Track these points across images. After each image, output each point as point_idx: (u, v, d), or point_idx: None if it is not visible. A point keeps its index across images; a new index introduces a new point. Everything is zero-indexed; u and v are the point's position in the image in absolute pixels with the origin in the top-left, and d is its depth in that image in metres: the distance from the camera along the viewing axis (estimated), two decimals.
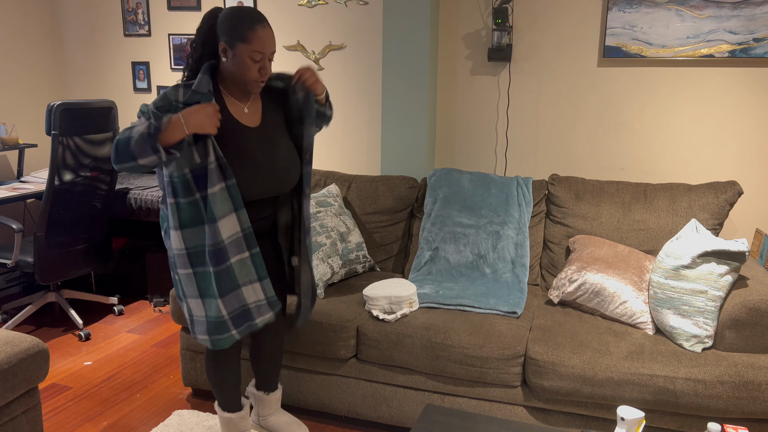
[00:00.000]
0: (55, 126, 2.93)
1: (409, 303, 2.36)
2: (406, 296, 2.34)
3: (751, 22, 2.70)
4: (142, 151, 1.68)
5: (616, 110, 3.01)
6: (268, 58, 1.82)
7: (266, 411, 2.30)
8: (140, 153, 1.68)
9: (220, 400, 2.14)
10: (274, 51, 1.83)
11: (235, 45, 1.77)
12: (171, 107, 1.76)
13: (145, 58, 3.92)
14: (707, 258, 2.14)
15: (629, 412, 1.56)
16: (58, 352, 3.06)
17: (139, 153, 1.68)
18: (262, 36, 1.78)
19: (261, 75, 1.81)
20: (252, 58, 1.78)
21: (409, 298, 2.35)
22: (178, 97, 1.77)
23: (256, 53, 1.78)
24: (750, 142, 2.85)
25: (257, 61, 1.79)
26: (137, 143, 1.67)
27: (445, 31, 3.21)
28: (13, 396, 1.89)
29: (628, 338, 2.18)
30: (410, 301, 2.36)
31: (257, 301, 1.90)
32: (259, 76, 1.81)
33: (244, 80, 1.82)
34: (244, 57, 1.77)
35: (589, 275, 2.34)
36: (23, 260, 3.05)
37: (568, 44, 3.02)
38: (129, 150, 1.69)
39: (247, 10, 1.80)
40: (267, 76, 1.83)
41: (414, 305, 2.39)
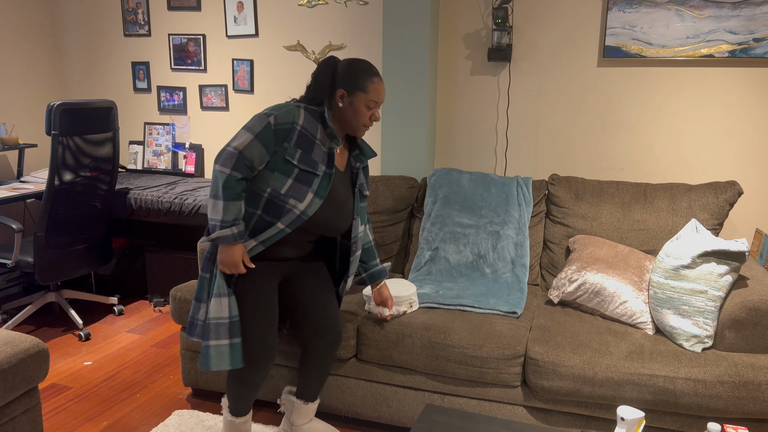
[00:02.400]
0: (55, 126, 2.93)
1: (409, 303, 2.36)
2: (405, 296, 2.34)
3: (751, 22, 2.70)
4: (210, 209, 1.91)
5: (616, 110, 3.01)
6: (378, 107, 2.02)
7: (301, 420, 2.26)
8: (209, 207, 1.92)
9: (232, 404, 2.11)
10: (381, 102, 2.03)
11: (354, 93, 1.95)
12: (292, 128, 1.91)
13: (145, 58, 3.92)
14: (707, 258, 2.14)
15: (629, 412, 1.56)
16: (58, 352, 3.06)
17: (209, 204, 1.92)
18: (379, 88, 1.98)
19: (370, 121, 2.00)
20: (367, 106, 1.96)
21: (408, 298, 2.35)
22: (298, 120, 1.92)
23: (372, 102, 1.96)
24: (750, 142, 2.85)
25: (370, 109, 1.98)
26: (212, 206, 1.90)
27: (445, 31, 3.21)
28: (13, 396, 1.89)
29: (628, 338, 2.18)
30: (410, 301, 2.36)
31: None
32: (369, 122, 2.00)
33: (354, 125, 1.99)
34: (361, 105, 1.95)
35: (589, 275, 2.34)
36: (23, 260, 3.05)
37: (568, 44, 3.02)
38: (212, 193, 1.90)
39: (365, 64, 1.99)
40: (374, 122, 2.14)
41: (414, 305, 2.39)
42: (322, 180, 1.95)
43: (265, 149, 1.87)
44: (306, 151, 1.91)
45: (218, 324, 1.93)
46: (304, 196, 1.92)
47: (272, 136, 1.88)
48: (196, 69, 3.81)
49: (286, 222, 1.92)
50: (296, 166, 1.91)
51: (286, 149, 1.90)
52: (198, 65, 3.79)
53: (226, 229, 1.87)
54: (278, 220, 1.93)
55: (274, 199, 1.92)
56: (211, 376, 2.55)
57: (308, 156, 1.92)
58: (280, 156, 1.90)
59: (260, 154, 1.87)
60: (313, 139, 1.93)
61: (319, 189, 1.94)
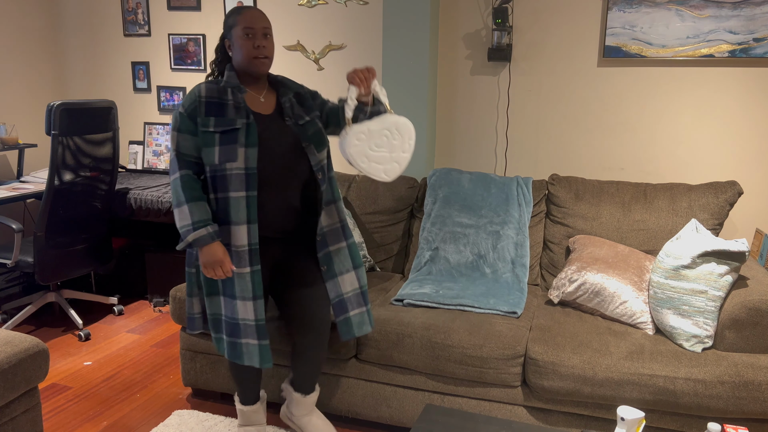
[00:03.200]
0: (55, 126, 2.93)
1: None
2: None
3: (751, 22, 2.70)
4: (177, 217, 1.95)
5: (616, 110, 3.01)
6: (262, 33, 1.93)
7: (300, 411, 2.25)
8: (176, 215, 1.96)
9: (238, 390, 2.23)
10: (267, 27, 1.94)
11: (231, 34, 1.96)
12: (198, 103, 1.92)
13: (145, 58, 3.92)
14: (707, 258, 2.13)
15: (629, 412, 1.56)
16: (58, 352, 3.06)
17: (176, 213, 1.96)
18: (248, 14, 1.93)
19: (258, 50, 1.92)
20: (246, 35, 1.91)
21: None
22: (201, 93, 1.93)
23: (247, 29, 1.91)
24: (750, 141, 2.85)
25: (250, 37, 1.92)
26: (179, 213, 1.94)
27: (445, 31, 3.21)
28: (13, 396, 1.89)
29: (628, 338, 2.18)
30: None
31: (245, 319, 1.98)
32: (255, 51, 1.92)
33: (246, 62, 1.94)
34: (239, 39, 1.92)
35: (589, 275, 2.34)
36: (23, 260, 3.05)
37: (568, 44, 3.02)
38: (175, 201, 1.95)
39: (235, 7, 1.99)
40: (265, 51, 1.94)
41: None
42: (247, 130, 1.92)
43: (191, 137, 1.92)
44: (219, 115, 1.91)
45: (246, 325, 1.99)
46: (236, 153, 1.90)
47: (188, 122, 1.92)
48: (196, 69, 3.81)
49: (237, 187, 1.91)
50: (215, 132, 1.91)
51: (201, 123, 1.92)
52: (198, 65, 3.79)
53: (201, 229, 1.90)
54: (229, 191, 1.91)
55: (215, 173, 1.92)
56: (211, 376, 2.55)
57: (223, 118, 1.91)
58: (201, 133, 1.92)
59: (191, 143, 1.93)
60: (222, 101, 1.93)
61: (248, 139, 1.91)
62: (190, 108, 1.92)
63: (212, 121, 1.91)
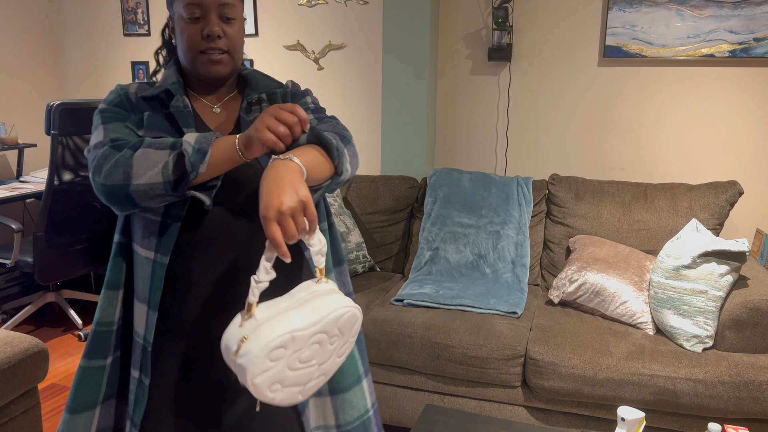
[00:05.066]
0: (55, 126, 2.93)
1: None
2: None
3: (752, 21, 2.69)
4: (149, 171, 1.06)
5: (616, 110, 3.01)
6: (217, 13, 1.16)
7: None
8: (143, 173, 1.06)
9: None
10: (224, 3, 1.16)
11: (173, 10, 1.20)
12: (124, 98, 1.21)
13: (145, 57, 3.92)
14: (708, 258, 2.13)
15: (629, 412, 1.56)
16: (58, 352, 3.05)
17: (140, 173, 1.06)
18: None
19: (206, 40, 1.16)
20: (189, 15, 1.15)
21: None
22: (128, 89, 1.22)
23: (192, 7, 1.15)
24: (750, 141, 2.84)
25: (197, 19, 1.15)
26: (144, 160, 1.06)
27: (445, 31, 3.20)
28: (13, 396, 1.88)
29: (629, 338, 2.18)
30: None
31: None
32: (202, 41, 1.16)
33: (190, 60, 1.19)
34: (181, 20, 1.17)
35: (590, 275, 2.34)
36: (23, 260, 3.05)
37: (568, 44, 3.02)
38: (127, 168, 1.06)
39: None
40: (222, 43, 1.17)
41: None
42: None
43: (124, 125, 1.20)
44: (151, 126, 1.18)
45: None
46: None
47: (114, 113, 1.20)
48: None
49: (145, 241, 1.17)
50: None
51: (130, 120, 1.23)
52: None
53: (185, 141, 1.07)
54: (134, 240, 1.21)
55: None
56: None
57: (154, 131, 1.18)
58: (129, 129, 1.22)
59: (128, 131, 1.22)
60: (154, 110, 1.21)
61: None
62: (114, 101, 1.20)
63: (141, 124, 1.18)
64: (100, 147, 1.11)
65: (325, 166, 1.09)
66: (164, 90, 1.21)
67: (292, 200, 0.93)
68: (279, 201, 0.92)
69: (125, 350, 1.26)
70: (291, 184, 0.95)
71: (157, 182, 1.06)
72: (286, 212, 0.92)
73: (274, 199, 0.93)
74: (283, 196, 0.93)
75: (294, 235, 0.93)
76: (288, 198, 0.93)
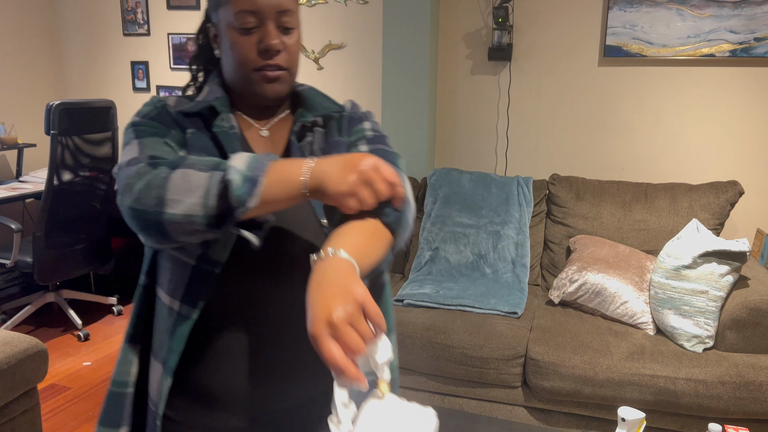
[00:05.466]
0: (54, 125, 2.92)
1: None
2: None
3: (752, 21, 2.69)
4: (187, 198, 0.83)
5: (616, 110, 3.01)
6: (274, 23, 0.96)
7: None
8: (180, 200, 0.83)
9: None
10: (284, 10, 0.96)
11: (218, 16, 1.00)
12: (162, 111, 1.01)
13: (145, 57, 3.91)
14: (708, 258, 2.13)
15: (630, 412, 1.56)
16: (57, 352, 3.05)
17: (177, 199, 0.83)
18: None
19: (262, 56, 0.96)
20: (241, 26, 0.95)
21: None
22: (166, 102, 1.03)
23: (245, 15, 0.95)
24: (751, 141, 2.84)
25: (250, 30, 0.96)
26: (183, 183, 0.84)
27: (445, 31, 3.20)
28: (12, 396, 1.88)
29: (629, 338, 2.17)
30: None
31: None
32: (258, 57, 0.96)
33: (241, 79, 0.99)
34: (231, 30, 0.97)
35: (590, 275, 2.34)
36: (22, 260, 3.04)
37: (568, 43, 3.01)
38: (161, 191, 0.84)
39: None
40: (281, 59, 0.97)
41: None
42: None
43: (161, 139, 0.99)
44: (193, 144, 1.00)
45: None
46: None
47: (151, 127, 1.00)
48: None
49: (171, 286, 0.97)
50: None
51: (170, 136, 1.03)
52: None
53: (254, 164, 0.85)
54: (158, 283, 1.02)
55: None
56: None
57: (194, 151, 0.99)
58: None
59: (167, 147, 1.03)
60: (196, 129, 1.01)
61: None
62: (150, 114, 0.99)
63: (183, 143, 0.99)
64: (133, 164, 0.89)
65: (382, 244, 0.87)
66: (208, 106, 1.00)
67: (346, 304, 0.70)
68: (327, 310, 0.70)
69: (142, 419, 1.05)
70: (340, 284, 0.73)
71: (195, 214, 0.82)
72: (340, 322, 0.69)
73: (321, 309, 0.70)
74: (332, 303, 0.70)
75: (359, 347, 0.70)
76: (340, 303, 0.70)
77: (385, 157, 0.98)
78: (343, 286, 0.73)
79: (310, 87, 1.10)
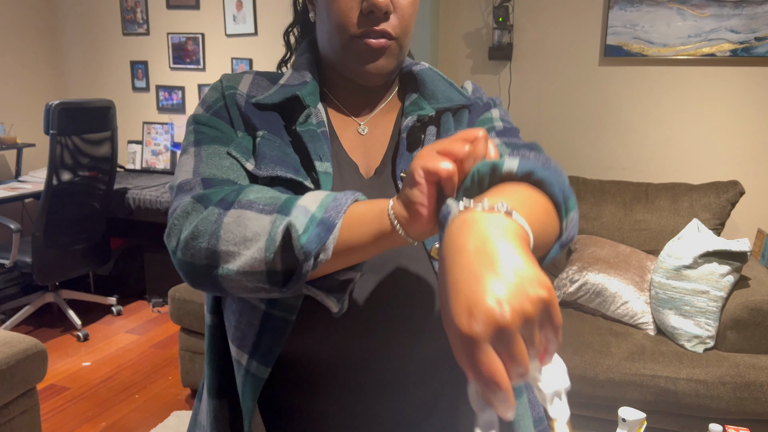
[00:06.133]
0: (54, 125, 2.92)
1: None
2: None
3: (753, 21, 2.69)
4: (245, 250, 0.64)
5: (617, 109, 3.00)
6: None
7: None
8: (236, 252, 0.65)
9: None
10: None
11: None
12: (228, 102, 0.80)
13: (144, 57, 3.91)
14: (709, 258, 2.12)
15: (630, 413, 1.55)
16: (57, 352, 3.04)
17: (232, 251, 0.65)
18: None
19: (366, 18, 0.75)
20: None
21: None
22: (237, 87, 0.81)
23: None
24: (752, 141, 2.84)
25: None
26: (239, 229, 0.65)
27: (445, 30, 3.19)
28: (12, 397, 1.88)
29: (630, 339, 2.17)
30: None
31: None
32: (360, 19, 0.75)
33: (338, 43, 0.77)
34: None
35: (591, 275, 2.33)
36: (21, 260, 3.04)
37: (569, 43, 3.01)
38: (213, 240, 0.66)
39: None
40: (382, 22, 0.75)
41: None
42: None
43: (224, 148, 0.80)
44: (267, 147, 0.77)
45: None
46: None
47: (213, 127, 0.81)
48: (195, 68, 3.79)
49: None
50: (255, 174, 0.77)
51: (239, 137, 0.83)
52: (197, 64, 3.78)
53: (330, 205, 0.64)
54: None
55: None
56: None
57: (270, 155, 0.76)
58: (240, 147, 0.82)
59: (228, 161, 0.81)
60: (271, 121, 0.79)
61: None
62: (215, 106, 0.80)
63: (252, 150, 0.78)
64: (184, 192, 0.71)
65: (553, 227, 0.62)
66: (291, 96, 0.78)
67: (525, 298, 0.45)
68: (497, 300, 0.45)
69: None
70: (516, 262, 0.47)
71: (256, 271, 0.63)
72: (515, 323, 0.45)
73: (484, 294, 0.45)
74: (505, 290, 0.45)
75: (525, 362, 0.46)
76: (516, 294, 0.45)
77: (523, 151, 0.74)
78: (522, 267, 0.46)
79: (430, 67, 0.86)
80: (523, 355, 0.45)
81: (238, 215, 0.65)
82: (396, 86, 0.86)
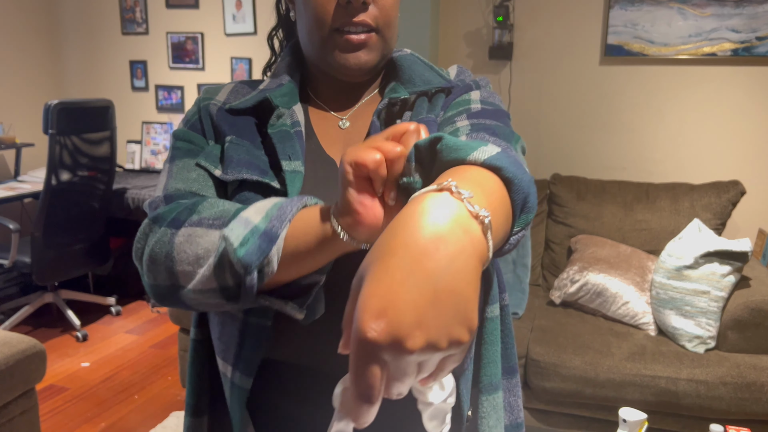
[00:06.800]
0: (53, 125, 2.91)
1: None
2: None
3: (754, 20, 2.68)
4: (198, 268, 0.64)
5: (617, 109, 3.00)
6: None
7: None
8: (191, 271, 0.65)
9: None
10: None
11: None
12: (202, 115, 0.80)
13: (143, 56, 3.90)
14: (710, 258, 2.12)
15: (631, 413, 1.55)
16: (56, 353, 3.04)
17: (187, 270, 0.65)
18: None
19: (344, 11, 0.74)
20: None
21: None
22: (212, 99, 0.81)
23: None
24: (753, 141, 2.83)
25: None
26: (190, 248, 0.65)
27: (445, 30, 3.19)
28: (11, 397, 1.87)
29: (630, 339, 2.17)
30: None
31: None
32: (338, 12, 0.74)
33: (317, 39, 0.77)
34: None
35: (591, 276, 2.33)
36: (20, 260, 3.03)
37: (569, 42, 3.00)
38: (168, 262, 0.66)
39: None
40: (361, 13, 0.74)
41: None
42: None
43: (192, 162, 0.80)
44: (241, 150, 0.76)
45: None
46: None
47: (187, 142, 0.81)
48: (195, 68, 3.79)
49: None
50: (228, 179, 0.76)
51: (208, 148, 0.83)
52: (196, 64, 3.77)
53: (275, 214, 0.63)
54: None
55: None
56: None
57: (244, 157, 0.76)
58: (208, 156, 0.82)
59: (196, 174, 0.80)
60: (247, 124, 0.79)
61: None
62: (191, 120, 0.81)
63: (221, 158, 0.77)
64: (151, 210, 0.72)
65: (507, 221, 0.53)
66: (263, 99, 0.77)
67: (445, 332, 0.41)
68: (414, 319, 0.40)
69: None
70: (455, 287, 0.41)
71: (209, 288, 0.63)
72: (419, 350, 0.40)
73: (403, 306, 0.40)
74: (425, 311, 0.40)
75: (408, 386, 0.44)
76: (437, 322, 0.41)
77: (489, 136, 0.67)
78: (460, 298, 0.41)
79: (411, 53, 0.85)
80: (410, 379, 0.43)
81: (188, 234, 0.64)
82: (380, 78, 0.85)
